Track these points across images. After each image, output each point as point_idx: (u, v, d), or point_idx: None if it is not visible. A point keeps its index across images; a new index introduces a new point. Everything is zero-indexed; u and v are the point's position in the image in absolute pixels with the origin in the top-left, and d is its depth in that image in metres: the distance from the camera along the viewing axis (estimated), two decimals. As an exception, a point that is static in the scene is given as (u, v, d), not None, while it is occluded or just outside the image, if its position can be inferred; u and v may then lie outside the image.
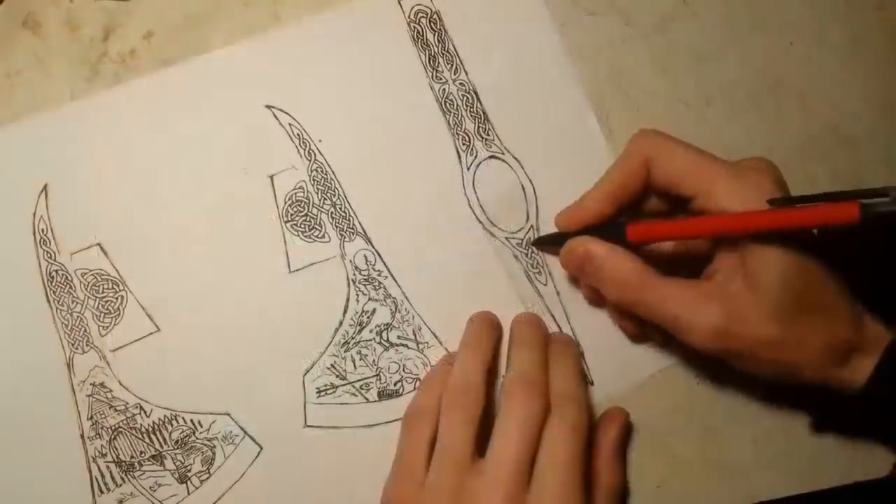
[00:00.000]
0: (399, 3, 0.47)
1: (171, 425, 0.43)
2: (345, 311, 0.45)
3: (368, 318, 0.45)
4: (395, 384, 0.45)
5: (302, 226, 0.45)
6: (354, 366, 0.45)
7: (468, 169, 0.47)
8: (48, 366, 0.43)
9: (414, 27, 0.47)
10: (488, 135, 0.47)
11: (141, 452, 0.43)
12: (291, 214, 0.45)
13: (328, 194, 0.45)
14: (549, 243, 0.46)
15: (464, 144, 0.47)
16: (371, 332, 0.45)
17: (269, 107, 0.45)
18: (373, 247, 0.46)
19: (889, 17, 0.51)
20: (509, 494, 0.38)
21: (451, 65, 0.47)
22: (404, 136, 0.46)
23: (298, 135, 0.45)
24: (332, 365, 0.45)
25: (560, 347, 0.44)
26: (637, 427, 0.47)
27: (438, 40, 0.47)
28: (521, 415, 0.39)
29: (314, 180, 0.45)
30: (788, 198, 0.39)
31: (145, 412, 0.43)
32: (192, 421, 0.43)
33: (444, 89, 0.47)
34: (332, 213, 0.45)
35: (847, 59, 0.50)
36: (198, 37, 0.45)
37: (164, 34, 0.45)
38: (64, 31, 0.45)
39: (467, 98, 0.47)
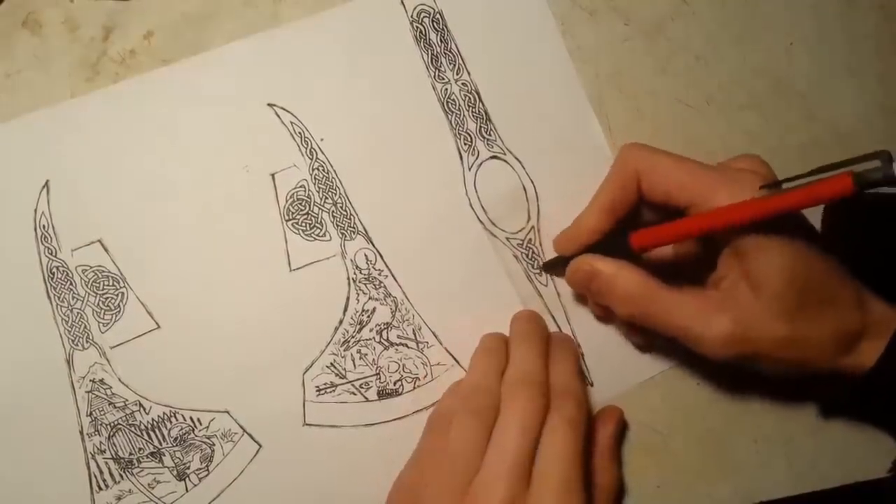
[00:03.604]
0: (402, 2, 0.47)
1: (171, 422, 0.43)
2: (345, 310, 0.45)
3: (368, 317, 0.45)
4: (394, 383, 0.45)
5: (303, 224, 0.45)
6: (354, 365, 0.45)
7: (469, 169, 0.47)
8: (48, 362, 0.43)
9: (417, 27, 0.47)
10: (490, 135, 0.47)
11: (140, 449, 0.43)
12: (292, 213, 0.45)
13: (329, 193, 0.45)
14: (557, 266, 0.46)
15: (465, 144, 0.47)
16: (371, 331, 0.45)
17: (271, 105, 0.45)
18: (373, 246, 0.46)
19: (889, 16, 0.51)
20: (509, 489, 0.38)
21: (454, 65, 0.47)
22: (406, 135, 0.46)
23: (300, 133, 0.45)
24: (331, 363, 0.45)
25: (560, 344, 0.44)
26: (637, 427, 0.47)
27: (441, 40, 0.47)
28: (521, 413, 0.39)
29: (315, 179, 0.45)
30: (780, 181, 0.39)
31: (144, 409, 0.43)
32: (191, 418, 0.43)
33: (447, 89, 0.47)
34: (333, 211, 0.45)
35: (847, 59, 0.51)
36: (198, 37, 0.45)
37: (164, 34, 0.45)
38: (64, 31, 0.45)
39: (469, 98, 0.47)
